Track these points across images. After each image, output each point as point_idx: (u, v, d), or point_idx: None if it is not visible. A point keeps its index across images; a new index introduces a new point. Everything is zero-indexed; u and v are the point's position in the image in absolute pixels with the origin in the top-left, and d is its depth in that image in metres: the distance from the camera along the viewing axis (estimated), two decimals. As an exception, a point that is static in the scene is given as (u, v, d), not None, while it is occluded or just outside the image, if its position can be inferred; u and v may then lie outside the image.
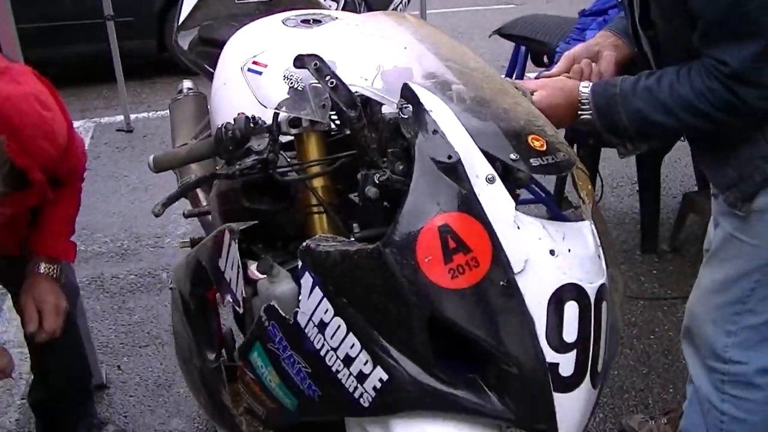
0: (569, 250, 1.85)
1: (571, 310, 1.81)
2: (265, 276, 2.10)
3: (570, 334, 1.81)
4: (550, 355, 1.79)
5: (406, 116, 1.88)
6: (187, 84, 3.79)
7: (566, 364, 1.81)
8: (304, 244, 1.91)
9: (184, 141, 3.49)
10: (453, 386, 1.83)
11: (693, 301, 2.65)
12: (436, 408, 1.86)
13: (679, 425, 2.89)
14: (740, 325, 2.49)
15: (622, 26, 2.59)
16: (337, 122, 2.15)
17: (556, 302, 1.80)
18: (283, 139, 2.14)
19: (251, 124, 2.07)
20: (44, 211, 2.90)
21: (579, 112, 2.32)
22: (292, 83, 2.02)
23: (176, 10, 3.93)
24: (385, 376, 1.84)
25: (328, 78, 1.95)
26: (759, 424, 2.61)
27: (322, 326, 1.89)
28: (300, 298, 1.92)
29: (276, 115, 2.09)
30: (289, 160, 2.17)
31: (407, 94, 1.90)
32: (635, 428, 3.35)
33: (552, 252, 1.82)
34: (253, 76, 2.12)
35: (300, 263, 1.91)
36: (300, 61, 1.97)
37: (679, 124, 2.23)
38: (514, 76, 5.78)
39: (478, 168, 1.81)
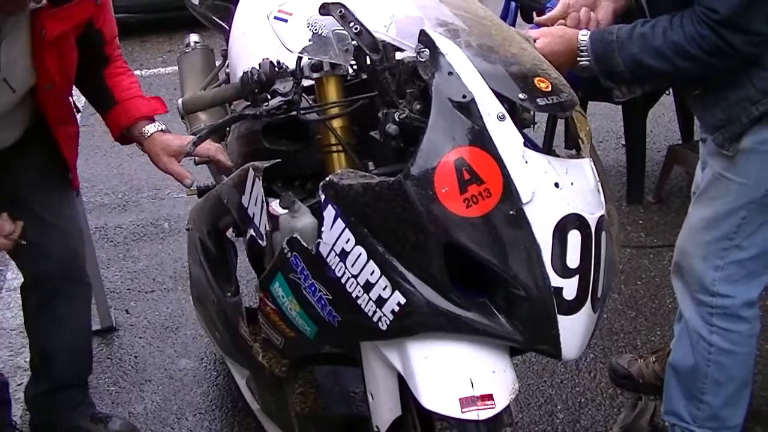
0: (572, 184, 2.00)
1: (574, 238, 1.97)
2: (287, 211, 2.25)
3: (573, 260, 1.97)
4: (555, 280, 1.96)
5: (423, 60, 2.03)
6: (194, 38, 3.89)
7: (569, 288, 1.98)
8: (327, 178, 2.06)
9: (193, 92, 3.61)
10: (466, 309, 2.00)
11: (683, 239, 2.81)
12: (449, 329, 2.03)
13: (666, 362, 3.05)
14: (727, 260, 2.66)
15: None
16: (355, 67, 2.29)
17: (561, 231, 1.95)
18: (305, 83, 2.28)
19: (276, 68, 2.22)
20: (113, 87, 2.99)
21: (578, 59, 2.48)
22: (315, 30, 2.16)
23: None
24: (402, 300, 1.99)
25: (352, 24, 2.09)
26: (745, 355, 2.79)
27: (343, 255, 2.04)
28: (322, 229, 2.06)
29: (299, 59, 2.24)
30: (310, 102, 2.31)
31: (424, 39, 2.05)
32: (625, 366, 3.50)
33: (557, 185, 1.97)
34: (278, 24, 2.25)
35: (323, 197, 2.05)
36: (325, 9, 2.11)
37: (672, 68, 2.40)
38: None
39: (489, 107, 1.96)
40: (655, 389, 3.26)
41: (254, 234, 2.40)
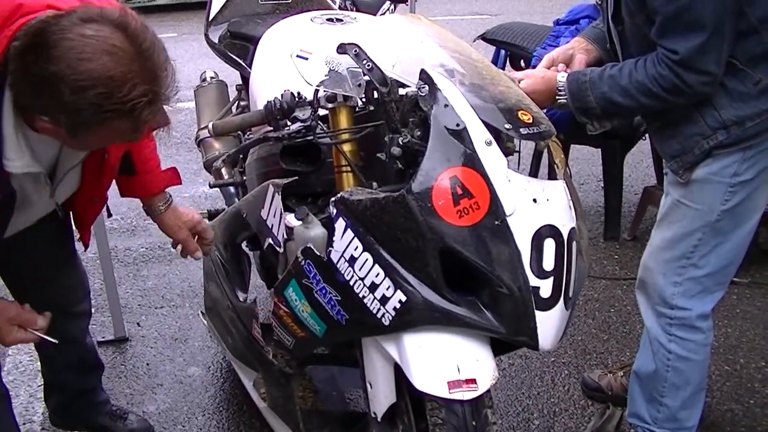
0: (548, 200, 2.34)
1: (549, 245, 2.30)
2: (301, 223, 2.58)
3: (548, 263, 2.30)
4: (533, 280, 2.28)
5: (423, 94, 2.38)
6: (209, 73, 4.21)
7: (545, 287, 2.30)
8: (339, 194, 2.39)
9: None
10: (457, 305, 2.31)
11: (646, 257, 3.14)
12: (443, 323, 2.34)
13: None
14: (684, 277, 2.99)
15: (593, 34, 3.15)
16: (364, 100, 2.63)
17: (538, 239, 2.29)
18: (320, 112, 2.62)
19: (296, 99, 2.57)
20: (134, 154, 2.88)
21: (557, 97, 2.86)
22: (333, 66, 2.51)
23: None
24: (403, 298, 2.31)
25: (365, 62, 2.45)
26: (700, 362, 3.11)
27: (352, 260, 2.35)
28: (333, 239, 2.37)
29: (316, 91, 2.59)
30: (324, 129, 2.66)
31: (424, 77, 2.40)
32: (596, 380, 3.82)
33: (534, 200, 2.31)
34: (300, 61, 2.61)
35: (334, 210, 2.37)
36: (342, 48, 2.47)
37: (637, 105, 2.77)
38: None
39: (479, 134, 2.30)
40: (622, 400, 3.56)
41: (272, 242, 2.72)
